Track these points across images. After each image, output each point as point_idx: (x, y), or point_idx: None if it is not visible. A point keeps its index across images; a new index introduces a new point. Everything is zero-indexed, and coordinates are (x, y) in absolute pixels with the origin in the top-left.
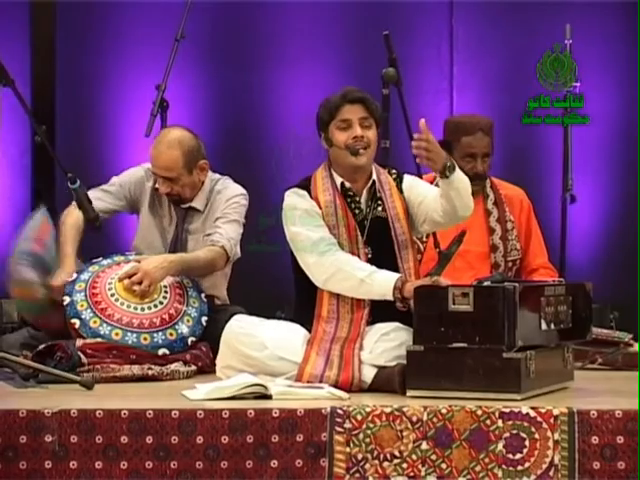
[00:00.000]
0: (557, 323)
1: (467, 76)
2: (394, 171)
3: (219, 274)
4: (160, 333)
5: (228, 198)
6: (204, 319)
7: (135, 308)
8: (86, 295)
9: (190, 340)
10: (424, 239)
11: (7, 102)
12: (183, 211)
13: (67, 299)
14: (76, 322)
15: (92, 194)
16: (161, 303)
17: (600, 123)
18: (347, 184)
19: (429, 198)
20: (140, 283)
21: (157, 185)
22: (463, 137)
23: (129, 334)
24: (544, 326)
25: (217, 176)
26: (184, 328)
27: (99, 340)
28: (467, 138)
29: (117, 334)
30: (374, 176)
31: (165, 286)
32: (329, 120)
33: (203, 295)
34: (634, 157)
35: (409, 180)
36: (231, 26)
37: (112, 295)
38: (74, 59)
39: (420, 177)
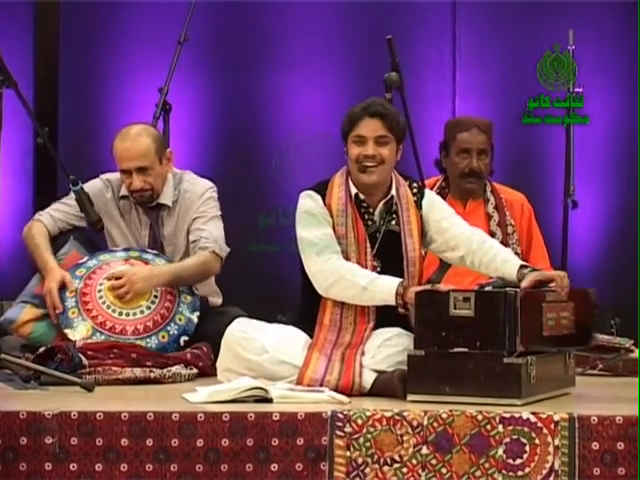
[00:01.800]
0: (559, 329)
1: (470, 81)
2: (415, 185)
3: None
4: (153, 337)
5: (199, 195)
6: (196, 315)
7: (120, 313)
8: (77, 301)
9: (182, 340)
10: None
11: (10, 104)
12: (154, 212)
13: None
14: (69, 332)
15: (53, 206)
16: (148, 308)
17: (602, 127)
18: (361, 196)
19: (451, 234)
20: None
21: (123, 191)
22: (458, 133)
23: (122, 341)
24: (545, 332)
25: (177, 170)
26: (175, 328)
27: (98, 339)
28: (462, 134)
29: None
30: (393, 190)
31: (156, 291)
32: (348, 131)
33: (194, 288)
34: (636, 162)
35: (430, 199)
36: (234, 29)
37: (100, 297)
38: (77, 62)
39: (423, 183)
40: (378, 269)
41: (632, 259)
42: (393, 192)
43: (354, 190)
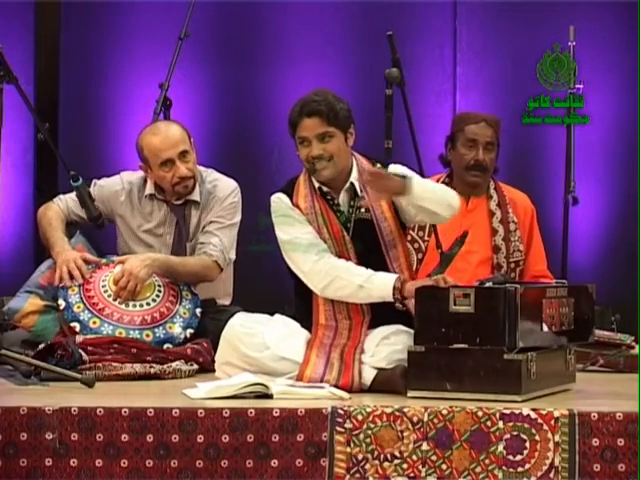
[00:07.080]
0: (559, 325)
1: (470, 77)
2: (379, 165)
3: (220, 278)
4: (161, 327)
5: (222, 199)
6: (198, 311)
7: (127, 305)
8: (81, 297)
9: (188, 332)
10: (425, 238)
11: (11, 99)
12: (181, 209)
13: (63, 303)
14: (76, 325)
15: (71, 195)
16: (154, 301)
17: (602, 124)
18: (324, 188)
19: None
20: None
21: (148, 190)
22: (466, 125)
23: (131, 332)
24: (545, 328)
25: (202, 168)
26: (181, 321)
27: (98, 335)
28: (470, 126)
29: (120, 333)
30: (352, 177)
31: (159, 285)
32: (293, 134)
33: (192, 287)
34: (636, 159)
35: (395, 172)
36: (235, 25)
37: (105, 292)
38: (78, 57)
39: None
40: (357, 254)
41: (632, 255)
42: (352, 179)
43: (317, 183)
